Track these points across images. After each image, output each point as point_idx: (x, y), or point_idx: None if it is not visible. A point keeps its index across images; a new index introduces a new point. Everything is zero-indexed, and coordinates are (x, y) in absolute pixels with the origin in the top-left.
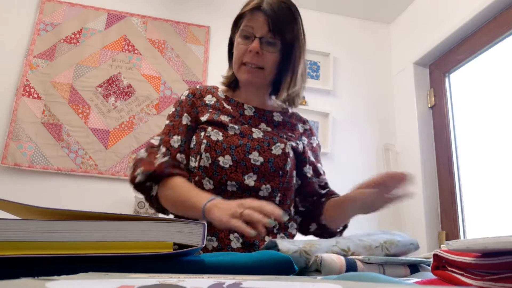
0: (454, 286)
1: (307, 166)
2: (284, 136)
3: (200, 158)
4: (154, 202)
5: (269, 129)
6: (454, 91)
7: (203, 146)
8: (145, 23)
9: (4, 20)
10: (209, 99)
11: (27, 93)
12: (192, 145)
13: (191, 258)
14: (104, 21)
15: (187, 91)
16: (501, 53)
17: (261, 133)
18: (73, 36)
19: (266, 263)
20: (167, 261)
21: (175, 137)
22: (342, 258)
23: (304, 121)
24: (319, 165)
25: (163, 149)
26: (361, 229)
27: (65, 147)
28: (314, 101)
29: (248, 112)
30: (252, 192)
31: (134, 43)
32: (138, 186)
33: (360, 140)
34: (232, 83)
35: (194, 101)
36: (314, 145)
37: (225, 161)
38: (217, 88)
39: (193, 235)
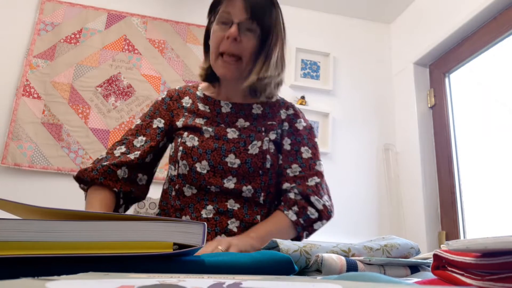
0: (454, 286)
1: (279, 155)
2: (263, 128)
3: (178, 166)
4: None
5: (247, 124)
6: (454, 91)
7: (179, 154)
8: (145, 23)
9: (4, 20)
10: (186, 101)
11: (27, 93)
12: (171, 153)
13: (191, 258)
14: (104, 21)
15: (165, 93)
16: (501, 53)
17: (237, 133)
18: (73, 36)
19: (266, 263)
20: (167, 261)
21: (140, 138)
22: (343, 258)
23: (288, 106)
24: (303, 148)
25: (122, 148)
26: (361, 228)
27: (65, 147)
28: (314, 101)
29: (225, 109)
30: (235, 194)
31: (134, 43)
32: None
33: (360, 140)
34: (209, 75)
35: (170, 104)
36: (300, 128)
37: (202, 167)
38: (197, 86)
39: (193, 235)
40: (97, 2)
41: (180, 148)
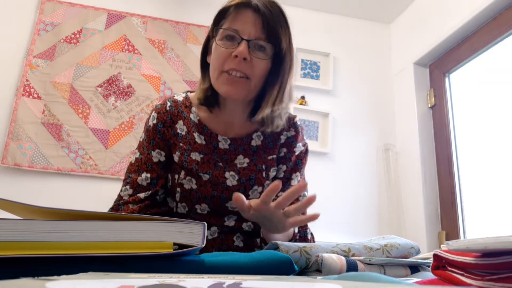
0: (454, 286)
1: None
2: (263, 167)
3: (177, 207)
4: None
5: (246, 161)
6: (454, 91)
7: (177, 195)
8: (145, 23)
9: (4, 20)
10: (181, 128)
11: (27, 93)
12: (168, 186)
13: (191, 258)
14: (104, 21)
15: (155, 117)
16: (501, 53)
17: (236, 177)
18: (73, 36)
19: (266, 263)
20: (167, 261)
21: (144, 175)
22: (343, 258)
23: (290, 126)
24: (293, 175)
25: (129, 190)
26: (361, 228)
27: (65, 147)
28: (314, 101)
29: (223, 144)
30: (236, 230)
31: (134, 43)
32: None
33: (360, 140)
34: (208, 99)
35: (165, 132)
36: (297, 153)
37: (202, 208)
38: (189, 106)
39: (193, 235)
40: (97, 2)
41: (178, 189)
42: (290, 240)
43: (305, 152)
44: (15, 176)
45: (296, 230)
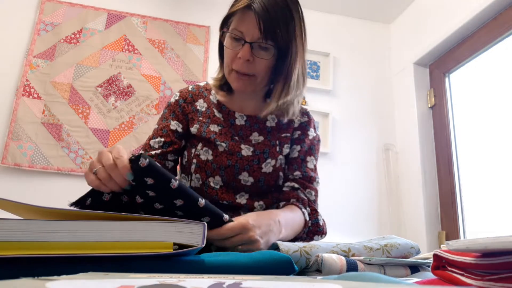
0: (454, 286)
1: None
2: (277, 142)
3: (191, 179)
4: None
5: (261, 138)
6: (454, 91)
7: (193, 167)
8: (145, 23)
9: (4, 20)
10: (201, 105)
11: (27, 93)
12: (184, 162)
13: (191, 258)
14: (104, 21)
15: (178, 95)
16: (501, 53)
17: (251, 149)
18: (73, 36)
19: (266, 263)
20: (167, 261)
21: (157, 139)
22: (343, 258)
23: (303, 113)
24: (308, 158)
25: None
26: (361, 228)
27: (65, 147)
28: (314, 101)
29: (239, 121)
30: (247, 209)
31: (134, 43)
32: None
33: (360, 140)
34: (224, 85)
35: (185, 106)
36: (311, 137)
37: (215, 181)
38: (210, 89)
39: (193, 235)
40: (97, 2)
41: (194, 161)
42: (303, 228)
43: (318, 140)
44: (15, 176)
45: (308, 218)
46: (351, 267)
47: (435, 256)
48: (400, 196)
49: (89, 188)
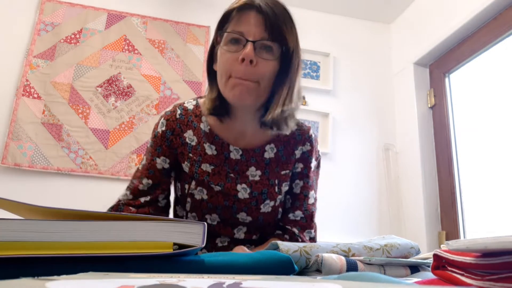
0: (454, 286)
1: (288, 196)
2: (276, 181)
3: (187, 216)
4: None
5: (258, 174)
6: (454, 91)
7: (188, 205)
8: (145, 23)
9: (4, 20)
10: (190, 138)
11: (27, 93)
12: (178, 194)
13: (191, 258)
14: (104, 21)
15: (165, 125)
16: (501, 53)
17: (248, 190)
18: (73, 36)
19: (266, 263)
20: (167, 261)
21: (145, 181)
22: (343, 258)
23: (304, 141)
24: (310, 193)
25: (129, 196)
26: (361, 228)
27: (65, 147)
28: (314, 101)
29: (234, 155)
30: (244, 242)
31: (134, 43)
32: None
33: (360, 140)
34: (217, 108)
35: (173, 139)
36: (313, 169)
37: (212, 218)
38: (200, 114)
39: (193, 235)
40: (97, 2)
41: (188, 199)
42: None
43: (318, 166)
44: (15, 176)
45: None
46: (351, 267)
47: (435, 256)
48: (400, 196)
49: (90, 188)
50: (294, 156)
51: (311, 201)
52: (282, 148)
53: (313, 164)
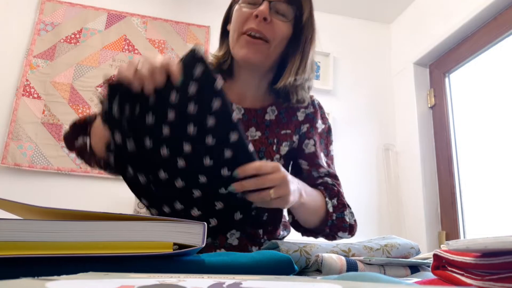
0: (454, 286)
1: (301, 160)
2: (275, 140)
3: None
4: (95, 160)
5: (258, 134)
6: (454, 91)
7: None
8: (145, 23)
9: (4, 20)
10: None
11: (27, 93)
12: None
13: (191, 258)
14: (104, 21)
15: None
16: (501, 53)
17: None
18: (73, 36)
19: (266, 263)
20: (167, 261)
21: None
22: (343, 258)
23: (308, 105)
24: (321, 154)
25: None
26: (361, 228)
27: (65, 147)
28: None
29: (237, 113)
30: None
31: (134, 43)
32: (69, 144)
33: (360, 140)
34: (223, 65)
35: None
36: (320, 130)
37: None
38: None
39: (193, 235)
40: (97, 2)
41: None
42: (325, 221)
43: (328, 131)
44: (15, 176)
45: (331, 209)
46: (351, 267)
47: (435, 256)
48: (400, 196)
49: (90, 188)
50: (296, 117)
51: (322, 161)
52: (284, 111)
53: (320, 126)
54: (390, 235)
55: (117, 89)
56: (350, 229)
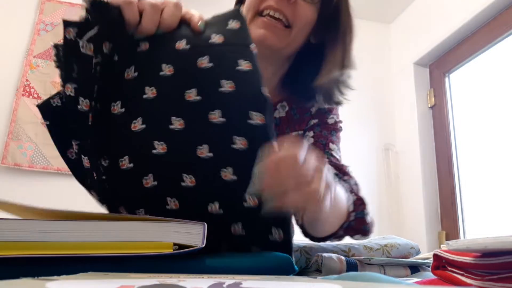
0: (454, 286)
1: None
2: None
3: None
4: None
5: None
6: (454, 91)
7: None
8: None
9: (4, 20)
10: None
11: (27, 93)
12: None
13: (191, 258)
14: None
15: None
16: (501, 53)
17: None
18: None
19: (266, 263)
20: (167, 261)
21: None
22: (343, 258)
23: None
24: (332, 145)
25: None
26: None
27: None
28: None
29: None
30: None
31: None
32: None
33: (360, 140)
34: None
35: None
36: (330, 123)
37: None
38: None
39: (193, 236)
40: None
41: None
42: (344, 220)
43: (337, 126)
44: (15, 176)
45: (352, 207)
46: (351, 267)
47: (435, 256)
48: (400, 196)
49: None
50: (310, 113)
51: (336, 154)
52: (296, 106)
53: (331, 120)
54: (390, 235)
55: (95, 21)
56: (369, 230)
